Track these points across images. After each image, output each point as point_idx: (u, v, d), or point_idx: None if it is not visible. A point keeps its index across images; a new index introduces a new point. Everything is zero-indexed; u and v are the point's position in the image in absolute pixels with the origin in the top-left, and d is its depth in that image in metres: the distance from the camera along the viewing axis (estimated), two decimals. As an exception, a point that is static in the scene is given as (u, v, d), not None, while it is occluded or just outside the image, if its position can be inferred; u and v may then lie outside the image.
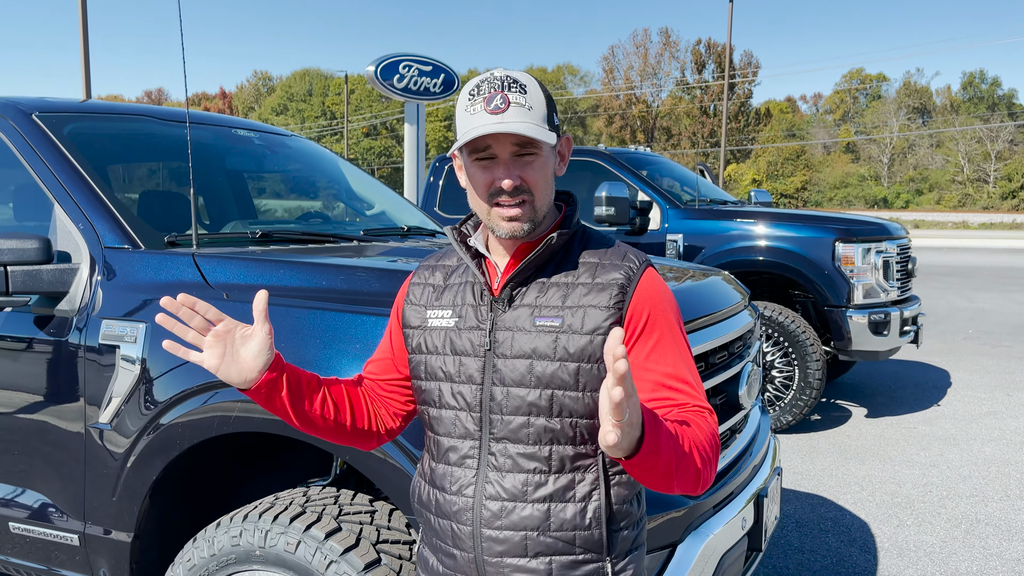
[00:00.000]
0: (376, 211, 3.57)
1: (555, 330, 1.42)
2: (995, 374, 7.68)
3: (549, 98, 1.46)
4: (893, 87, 78.10)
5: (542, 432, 1.43)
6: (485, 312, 1.48)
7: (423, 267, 1.63)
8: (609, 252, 1.51)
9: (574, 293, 1.45)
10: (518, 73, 1.45)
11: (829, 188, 66.46)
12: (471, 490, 1.46)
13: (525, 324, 1.45)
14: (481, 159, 1.43)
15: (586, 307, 1.43)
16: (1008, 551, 3.79)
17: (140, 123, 2.91)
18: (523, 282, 1.48)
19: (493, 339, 1.46)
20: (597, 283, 1.45)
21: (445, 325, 1.51)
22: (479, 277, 1.50)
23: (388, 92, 14.03)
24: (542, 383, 1.42)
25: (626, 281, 1.45)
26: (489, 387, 1.46)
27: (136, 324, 2.14)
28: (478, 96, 1.40)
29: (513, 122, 1.37)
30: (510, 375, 1.44)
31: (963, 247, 29.52)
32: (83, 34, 14.95)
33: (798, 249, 5.84)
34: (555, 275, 1.48)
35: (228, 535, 2.01)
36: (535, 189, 1.43)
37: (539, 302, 1.46)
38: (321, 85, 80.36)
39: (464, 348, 1.48)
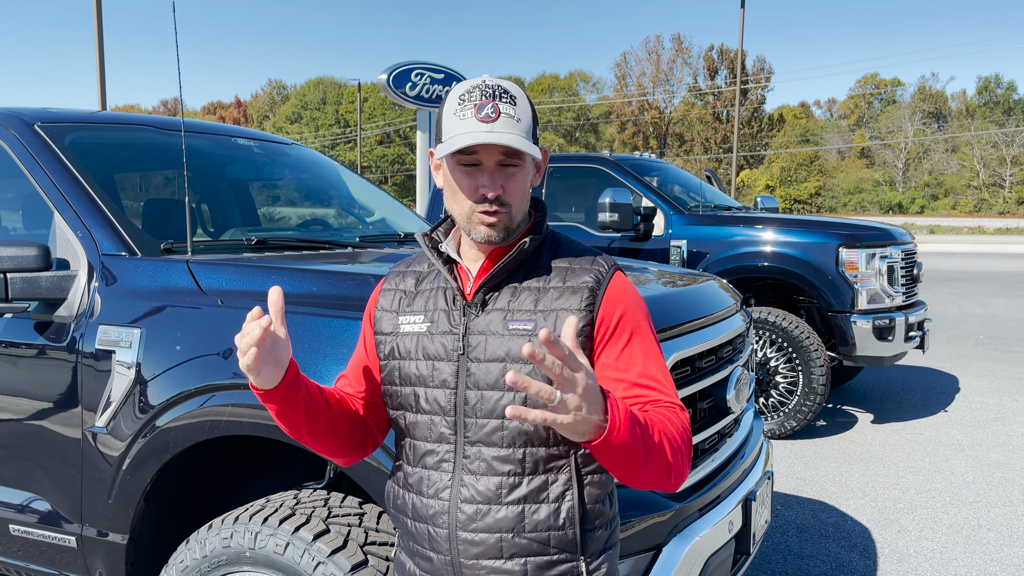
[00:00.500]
0: (375, 218, 3.61)
1: (527, 333, 1.45)
2: (1004, 379, 7.63)
3: (534, 111, 1.50)
4: (908, 92, 77.70)
5: (516, 434, 1.45)
6: (458, 316, 1.50)
7: (393, 273, 1.65)
8: (579, 257, 1.54)
9: (545, 297, 1.48)
10: (507, 83, 1.47)
11: (843, 194, 66.11)
12: (447, 493, 1.48)
13: (498, 328, 1.47)
14: (465, 164, 1.44)
15: (558, 310, 1.45)
16: (1009, 557, 3.78)
17: (141, 133, 2.97)
18: (495, 287, 1.50)
19: (466, 343, 1.48)
20: (568, 286, 1.48)
21: (417, 330, 1.53)
22: (451, 282, 1.52)
23: (400, 100, 14.13)
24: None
25: (596, 284, 1.48)
26: (463, 391, 1.47)
27: (132, 329, 2.19)
28: (468, 102, 1.42)
29: (502, 133, 1.40)
30: (484, 378, 1.46)
31: (979, 252, 29.27)
32: (98, 44, 15.15)
33: (802, 255, 5.84)
34: (527, 280, 1.51)
35: (219, 537, 2.04)
36: (514, 200, 1.46)
37: (511, 306, 1.48)
38: (335, 93, 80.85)
39: (437, 352, 1.50)
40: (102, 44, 15.09)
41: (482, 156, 1.43)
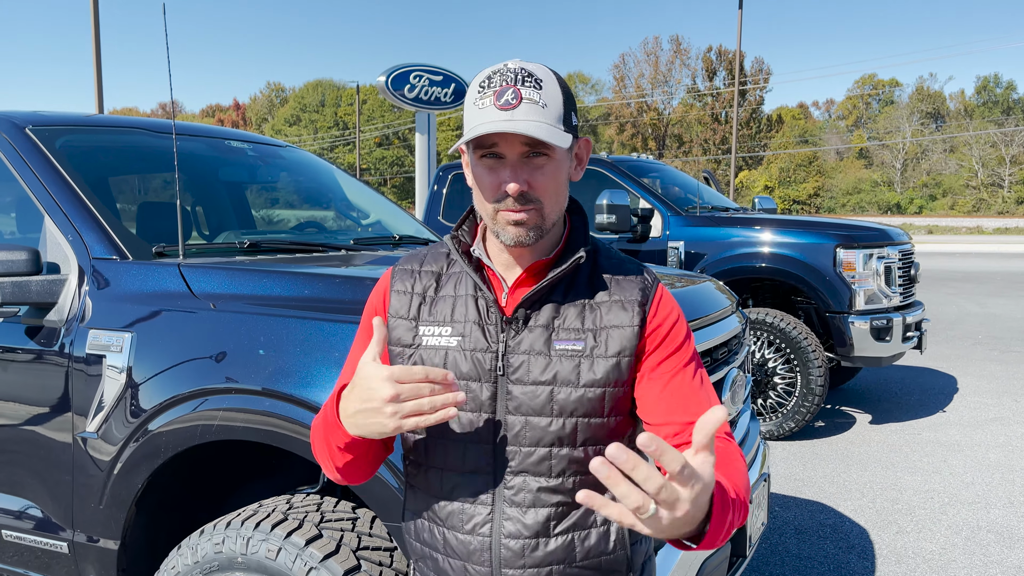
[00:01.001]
0: (371, 220, 3.60)
1: (577, 354, 1.33)
2: (1003, 380, 7.62)
3: (568, 95, 1.34)
4: (906, 92, 77.79)
5: (567, 463, 1.33)
6: (495, 332, 1.35)
7: (402, 272, 1.47)
8: (622, 267, 1.42)
9: (594, 313, 1.36)
10: (535, 65, 1.32)
11: (842, 194, 66.17)
12: (487, 528, 1.35)
13: (542, 347, 1.34)
14: (487, 157, 1.31)
15: (609, 328, 1.34)
16: (1009, 559, 3.76)
17: (133, 136, 2.95)
18: (537, 301, 1.36)
19: (506, 363, 1.34)
20: (616, 301, 1.36)
21: (445, 344, 1.37)
22: (486, 292, 1.37)
23: (399, 102, 14.15)
24: (566, 411, 1.32)
25: (644, 299, 1.37)
26: (503, 415, 1.34)
27: (122, 334, 2.17)
28: (488, 89, 1.28)
29: (523, 121, 1.25)
30: (529, 403, 1.33)
31: (977, 252, 29.28)
32: (95, 47, 15.13)
33: (799, 255, 5.83)
34: (569, 293, 1.37)
35: (211, 542, 2.03)
36: (544, 196, 1.31)
37: (556, 323, 1.35)
38: (333, 96, 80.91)
39: (471, 372, 1.35)
40: (99, 47, 15.08)
41: (504, 148, 1.29)
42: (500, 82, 1.28)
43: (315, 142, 78.12)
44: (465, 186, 7.46)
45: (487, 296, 1.37)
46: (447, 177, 7.55)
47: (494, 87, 1.28)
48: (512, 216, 1.30)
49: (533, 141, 1.28)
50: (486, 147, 1.29)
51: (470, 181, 1.38)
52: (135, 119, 3.01)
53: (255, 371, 2.02)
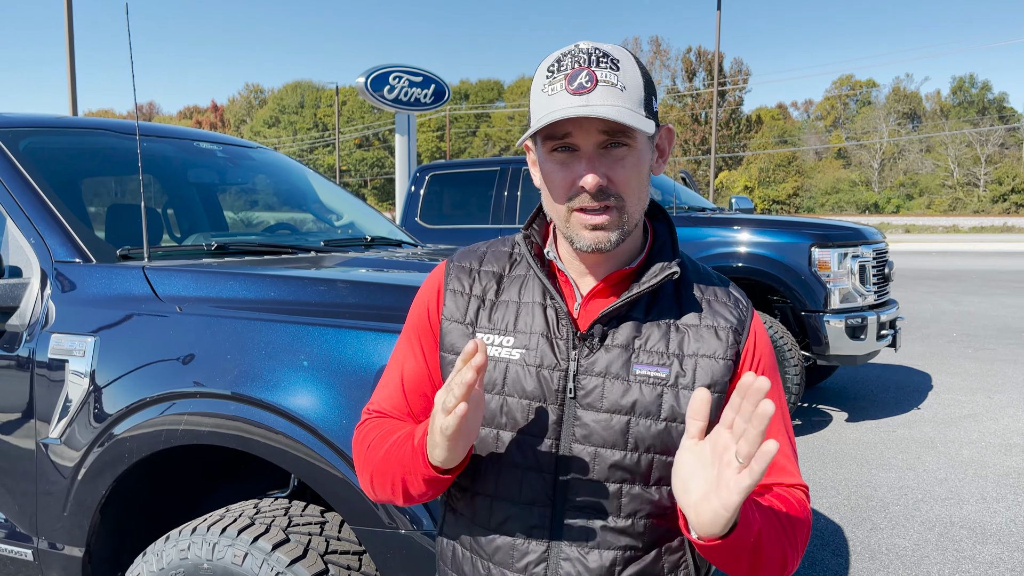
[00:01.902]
0: (343, 222, 3.58)
1: (661, 382, 1.18)
2: (977, 377, 7.70)
3: (648, 78, 1.18)
4: (883, 93, 78.67)
5: (639, 503, 1.19)
6: (565, 348, 1.20)
7: (460, 270, 1.31)
8: (712, 286, 1.27)
9: (681, 337, 1.21)
10: (609, 45, 1.16)
11: (821, 194, 66.78)
12: (541, 568, 1.21)
13: (621, 371, 1.19)
14: (559, 151, 1.15)
15: (698, 356, 1.19)
16: (981, 554, 3.79)
17: (100, 137, 2.91)
18: (615, 317, 1.21)
19: (577, 384, 1.19)
20: (707, 326, 1.21)
21: (507, 356, 1.22)
22: (559, 301, 1.21)
23: (378, 103, 14.11)
24: (642, 445, 1.18)
25: (740, 326, 1.22)
26: (568, 443, 1.19)
27: (85, 338, 2.14)
28: (558, 73, 1.13)
29: (601, 105, 1.09)
30: (600, 432, 1.18)
31: (953, 251, 29.64)
32: (69, 48, 14.97)
33: (775, 255, 5.87)
34: (652, 311, 1.22)
35: (176, 548, 2.00)
36: (626, 191, 1.15)
37: (636, 344, 1.20)
38: (313, 97, 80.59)
39: (536, 391, 1.20)
40: (72, 47, 14.91)
41: (578, 138, 1.13)
42: (572, 64, 1.13)
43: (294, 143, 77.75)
44: (443, 186, 7.44)
45: (559, 306, 1.22)
46: (424, 178, 7.54)
47: (565, 70, 1.13)
48: (589, 220, 1.15)
49: (613, 128, 1.12)
50: (558, 138, 1.14)
51: (537, 181, 1.24)
52: (102, 120, 2.97)
53: (221, 375, 1.99)
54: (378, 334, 1.87)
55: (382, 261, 2.74)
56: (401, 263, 2.74)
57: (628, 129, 1.13)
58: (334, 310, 2.07)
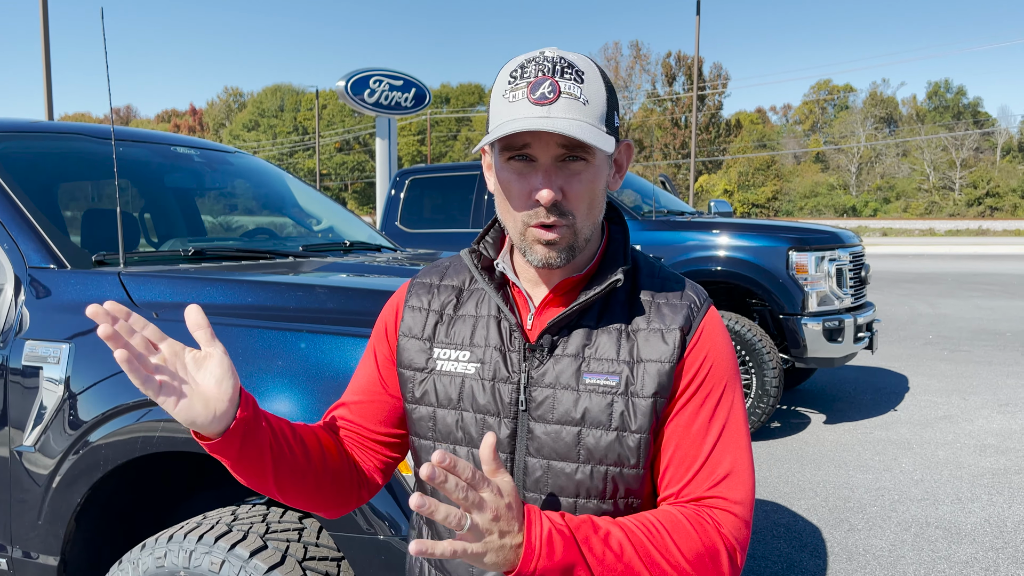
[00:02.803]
0: (322, 227, 3.57)
1: (610, 391, 1.15)
2: (952, 378, 7.80)
3: (611, 92, 1.16)
4: (860, 97, 79.52)
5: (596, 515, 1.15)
6: (517, 360, 1.19)
7: (419, 285, 1.31)
8: (665, 286, 1.23)
9: (630, 344, 1.17)
10: (576, 55, 1.14)
11: (799, 198, 67.37)
12: None
13: (571, 381, 1.16)
14: (516, 160, 1.13)
15: (647, 362, 1.16)
16: (956, 554, 3.84)
17: (75, 142, 2.89)
18: (566, 326, 1.19)
19: (528, 396, 1.17)
20: (655, 329, 1.17)
21: (461, 371, 1.21)
22: (507, 313, 1.20)
23: (359, 107, 14.07)
24: (594, 458, 1.15)
25: (687, 325, 1.18)
26: (523, 457, 1.18)
27: (59, 345, 2.12)
28: (521, 80, 1.10)
29: (561, 118, 1.07)
30: (552, 445, 1.16)
31: (929, 254, 29.98)
32: (44, 52, 14.81)
33: (753, 258, 5.91)
34: (604, 317, 1.19)
35: (153, 556, 1.99)
36: (577, 208, 1.13)
37: (587, 353, 1.17)
38: (293, 100, 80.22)
39: (490, 405, 1.19)
40: (48, 50, 14.76)
41: (536, 150, 1.11)
42: (535, 72, 1.10)
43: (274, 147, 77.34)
44: (423, 190, 7.43)
45: (510, 319, 1.20)
46: (405, 182, 7.53)
47: (528, 78, 1.10)
48: (544, 235, 1.13)
49: (572, 143, 1.10)
50: (516, 148, 1.12)
51: (492, 186, 1.22)
52: (77, 125, 2.95)
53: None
54: (356, 339, 1.87)
55: (360, 266, 2.74)
56: (380, 268, 2.74)
57: (587, 145, 1.10)
58: (312, 315, 2.06)
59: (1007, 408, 6.61)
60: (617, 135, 1.17)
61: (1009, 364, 8.44)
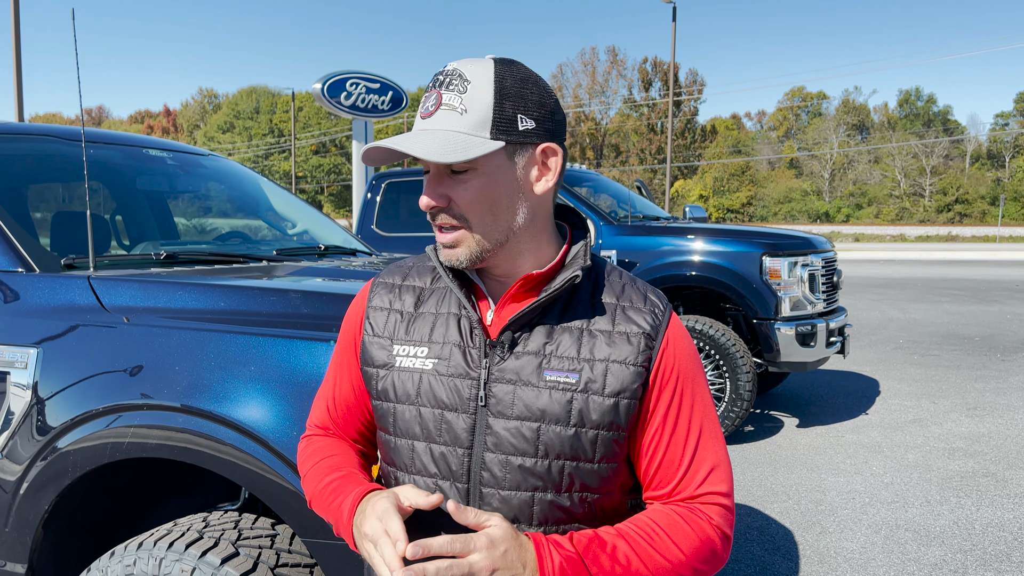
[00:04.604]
0: (297, 230, 3.55)
1: (570, 388, 1.17)
2: (922, 382, 7.91)
3: (510, 94, 1.16)
4: (833, 104, 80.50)
5: (549, 511, 1.19)
6: (477, 356, 1.21)
7: (382, 285, 1.33)
8: (628, 290, 1.25)
9: (592, 342, 1.19)
10: (477, 63, 1.17)
11: (774, 203, 68.06)
12: None
13: (531, 377, 1.18)
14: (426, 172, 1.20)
15: (608, 362, 1.18)
16: (926, 556, 3.89)
17: (44, 144, 2.84)
18: (527, 324, 1.21)
19: (488, 392, 1.19)
20: (619, 331, 1.20)
21: (420, 367, 1.23)
22: (469, 311, 1.23)
23: (335, 110, 13.99)
24: (552, 452, 1.17)
25: (653, 331, 1.20)
26: (480, 453, 1.19)
27: (27, 349, 2.09)
28: (427, 92, 1.19)
29: (430, 130, 1.14)
30: (510, 440, 1.18)
31: (900, 259, 30.40)
32: (15, 51, 14.59)
33: (727, 264, 5.96)
34: (566, 316, 1.21)
35: (122, 564, 1.96)
36: (469, 214, 1.17)
37: (548, 350, 1.19)
38: (268, 102, 79.65)
39: (448, 400, 1.21)
40: (19, 49, 14.54)
41: (422, 161, 1.16)
42: (430, 86, 1.18)
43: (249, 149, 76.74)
44: (399, 194, 7.41)
45: (471, 315, 1.22)
46: (380, 186, 7.50)
47: (427, 91, 1.18)
48: (440, 239, 1.19)
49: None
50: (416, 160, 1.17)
51: None
52: (47, 126, 2.91)
53: (170, 386, 1.96)
54: (329, 344, 1.86)
55: (335, 270, 2.72)
56: (354, 272, 2.73)
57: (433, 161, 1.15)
58: (285, 320, 2.05)
59: (975, 412, 6.71)
60: (524, 136, 1.17)
61: (977, 368, 8.58)
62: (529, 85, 1.19)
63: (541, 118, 1.19)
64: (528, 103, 1.18)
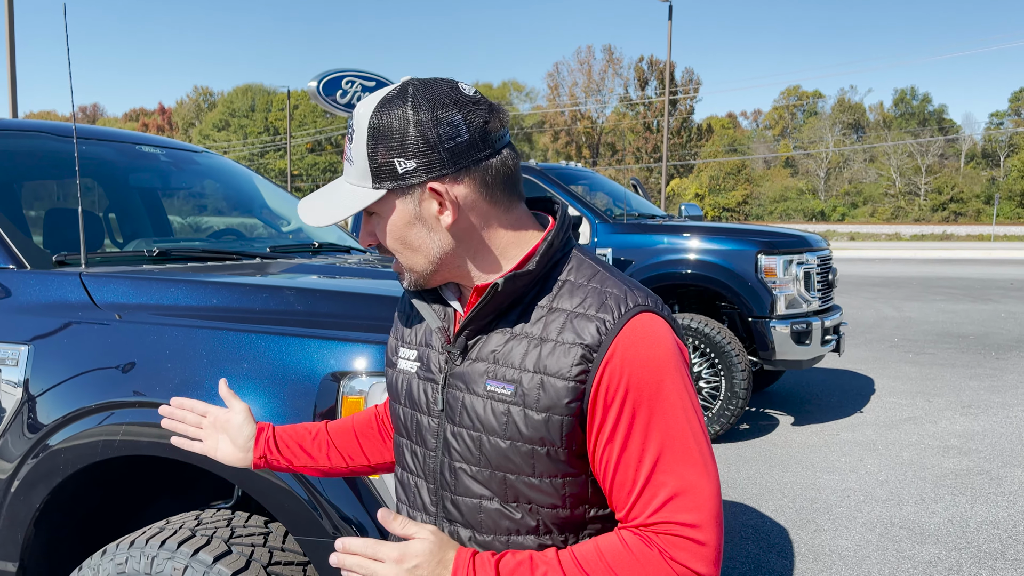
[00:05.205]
0: (291, 228, 3.54)
1: (506, 400, 1.13)
2: (917, 381, 7.93)
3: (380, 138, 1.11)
4: (828, 104, 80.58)
5: (497, 519, 1.18)
6: (438, 361, 1.23)
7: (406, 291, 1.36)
8: (590, 295, 1.14)
9: (536, 352, 1.13)
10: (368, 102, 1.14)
11: (769, 202, 68.13)
12: None
13: (475, 386, 1.17)
14: None
15: (544, 374, 1.11)
16: (920, 554, 3.90)
17: (36, 140, 2.83)
18: (483, 328, 1.19)
19: (447, 396, 1.21)
20: (562, 341, 1.11)
21: (407, 368, 1.29)
22: (432, 315, 1.25)
23: (331, 108, 13.92)
24: (492, 463, 1.16)
25: (594, 343, 1.09)
26: (440, 456, 1.22)
27: (18, 347, 2.08)
28: None
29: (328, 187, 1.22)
30: (458, 447, 1.19)
31: (895, 258, 30.45)
32: (9, 48, 14.54)
33: (723, 262, 5.96)
34: (523, 319, 1.16)
35: (114, 562, 1.95)
36: (393, 248, 1.19)
37: (497, 357, 1.16)
38: (264, 100, 79.49)
39: (419, 402, 1.25)
40: (13, 46, 14.49)
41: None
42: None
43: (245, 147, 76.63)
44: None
45: (433, 321, 1.25)
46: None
47: None
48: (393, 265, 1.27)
49: None
50: None
51: None
52: (39, 122, 2.89)
53: (162, 384, 1.95)
54: (323, 341, 1.86)
55: (329, 268, 2.71)
56: (348, 269, 2.72)
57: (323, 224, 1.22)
58: (278, 317, 2.04)
59: (970, 410, 6.73)
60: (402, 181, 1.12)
61: (972, 367, 8.60)
62: (412, 118, 1.10)
63: (425, 153, 1.10)
64: (405, 143, 1.10)
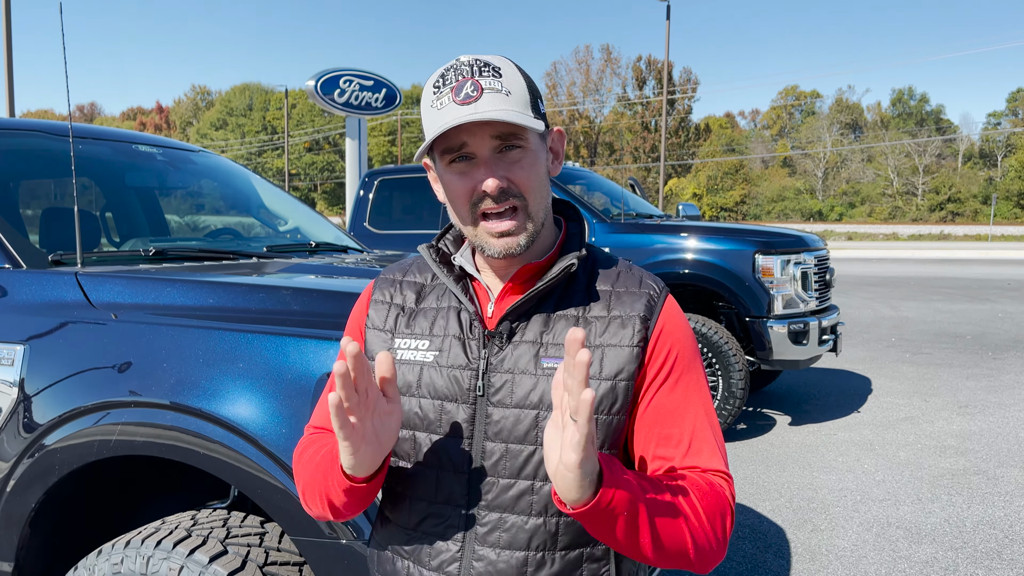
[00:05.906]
0: (288, 227, 3.53)
1: None
2: (914, 380, 7.93)
3: (531, 83, 1.21)
4: (826, 103, 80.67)
5: (549, 501, 1.17)
6: (476, 348, 1.23)
7: (384, 281, 1.36)
8: (623, 276, 1.27)
9: (589, 328, 1.21)
10: (490, 56, 1.20)
11: (767, 202, 68.21)
12: (455, 567, 1.21)
13: (528, 366, 1.19)
14: (457, 161, 1.19)
15: (604, 346, 1.19)
16: (917, 554, 3.90)
17: (32, 139, 2.82)
18: (524, 313, 1.23)
19: (487, 382, 1.21)
20: (615, 316, 1.21)
21: (421, 359, 1.25)
22: (466, 304, 1.24)
23: (329, 107, 13.96)
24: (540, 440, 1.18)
25: (647, 313, 1.21)
26: (481, 442, 1.20)
27: (14, 346, 2.07)
28: (444, 87, 1.16)
29: (489, 110, 1.13)
30: (510, 429, 1.19)
31: (892, 258, 30.49)
32: (7, 46, 14.51)
33: (720, 261, 5.96)
34: (562, 304, 1.23)
35: (109, 562, 1.95)
36: (527, 191, 1.18)
37: (544, 339, 1.20)
38: (261, 99, 79.43)
39: (448, 391, 1.22)
40: (10, 44, 14.46)
41: (473, 146, 1.16)
42: (455, 77, 1.16)
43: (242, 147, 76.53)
44: (392, 191, 7.39)
45: (468, 308, 1.24)
46: (373, 183, 7.48)
47: (450, 83, 1.16)
48: (495, 227, 1.18)
49: (505, 131, 1.16)
50: (454, 150, 1.17)
51: (441, 196, 1.26)
52: (35, 121, 2.88)
53: (158, 384, 1.95)
54: (318, 342, 1.85)
55: (326, 267, 2.71)
56: (345, 269, 2.71)
57: (520, 131, 1.17)
58: (275, 317, 2.04)
59: (967, 410, 6.73)
60: (546, 120, 1.24)
61: (969, 367, 8.61)
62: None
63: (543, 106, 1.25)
64: (539, 92, 1.24)
